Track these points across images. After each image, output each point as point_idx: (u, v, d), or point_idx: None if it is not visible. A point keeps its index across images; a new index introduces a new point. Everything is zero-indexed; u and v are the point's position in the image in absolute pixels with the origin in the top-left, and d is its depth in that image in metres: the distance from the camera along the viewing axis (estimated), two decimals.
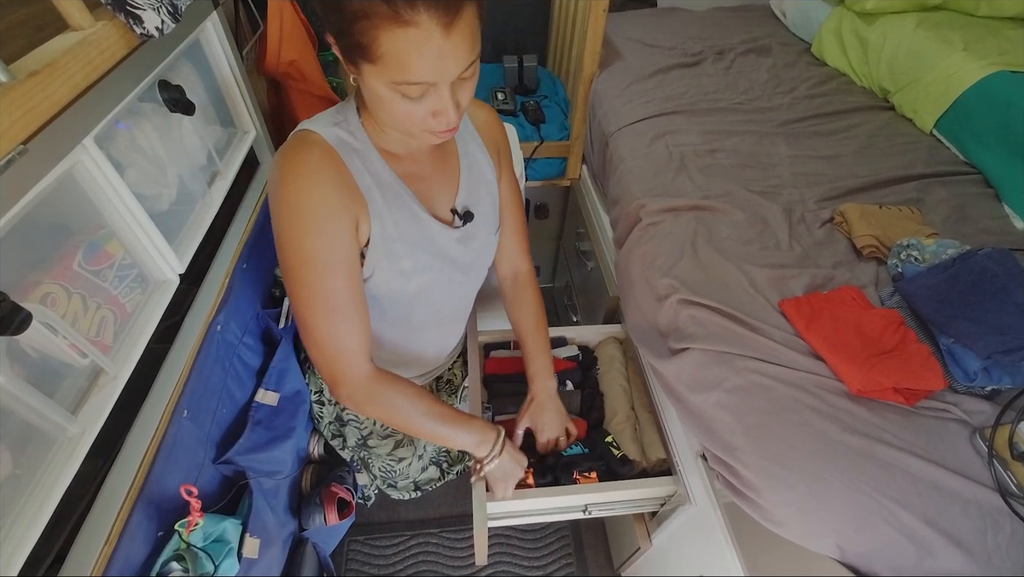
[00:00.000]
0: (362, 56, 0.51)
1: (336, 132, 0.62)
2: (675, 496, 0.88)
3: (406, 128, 0.59)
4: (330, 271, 0.62)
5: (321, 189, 0.59)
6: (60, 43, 0.54)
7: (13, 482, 0.49)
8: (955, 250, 0.82)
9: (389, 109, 0.56)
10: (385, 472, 1.05)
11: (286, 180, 0.59)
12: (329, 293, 0.63)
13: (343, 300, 0.64)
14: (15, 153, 0.46)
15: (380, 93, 0.54)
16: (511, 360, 1.07)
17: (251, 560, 0.74)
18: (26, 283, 0.51)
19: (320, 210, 0.60)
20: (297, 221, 0.60)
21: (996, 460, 0.62)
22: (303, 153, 0.60)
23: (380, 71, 0.51)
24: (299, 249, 0.61)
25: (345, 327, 0.65)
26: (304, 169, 0.59)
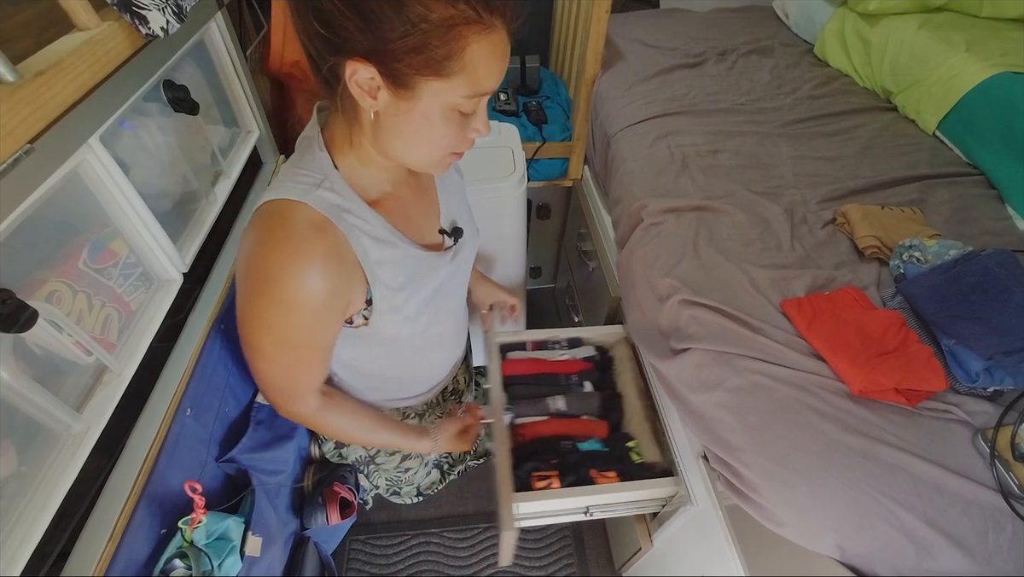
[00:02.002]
0: (433, 73, 0.47)
1: (323, 196, 0.55)
2: (676, 497, 0.88)
3: (436, 156, 0.56)
4: (299, 349, 0.60)
5: (316, 286, 0.54)
6: (66, 43, 0.55)
7: (18, 479, 0.49)
8: (957, 251, 0.82)
9: (433, 136, 0.52)
10: (391, 482, 1.05)
11: (275, 271, 0.52)
12: (294, 363, 0.61)
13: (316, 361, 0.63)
14: (22, 152, 0.47)
15: (431, 117, 0.50)
16: (529, 361, 1.07)
17: (253, 558, 0.75)
18: (32, 281, 0.51)
19: (310, 308, 0.55)
20: (281, 315, 0.55)
21: (998, 461, 0.62)
22: (294, 238, 0.52)
23: (451, 87, 0.48)
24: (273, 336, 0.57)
25: (307, 378, 0.64)
26: (299, 260, 0.52)
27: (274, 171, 1.12)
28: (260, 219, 0.54)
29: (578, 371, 1.04)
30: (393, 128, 0.53)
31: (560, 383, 1.03)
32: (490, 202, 1.21)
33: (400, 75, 0.47)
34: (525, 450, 0.93)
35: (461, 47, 0.46)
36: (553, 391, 1.01)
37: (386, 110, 0.51)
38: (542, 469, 0.87)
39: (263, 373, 0.62)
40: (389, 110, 0.51)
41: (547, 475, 0.86)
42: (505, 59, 0.50)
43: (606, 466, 0.87)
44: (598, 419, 0.98)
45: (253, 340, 0.58)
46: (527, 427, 0.97)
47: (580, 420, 0.98)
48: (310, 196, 0.54)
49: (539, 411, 0.98)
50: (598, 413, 0.99)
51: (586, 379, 1.03)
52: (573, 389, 1.02)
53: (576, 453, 0.90)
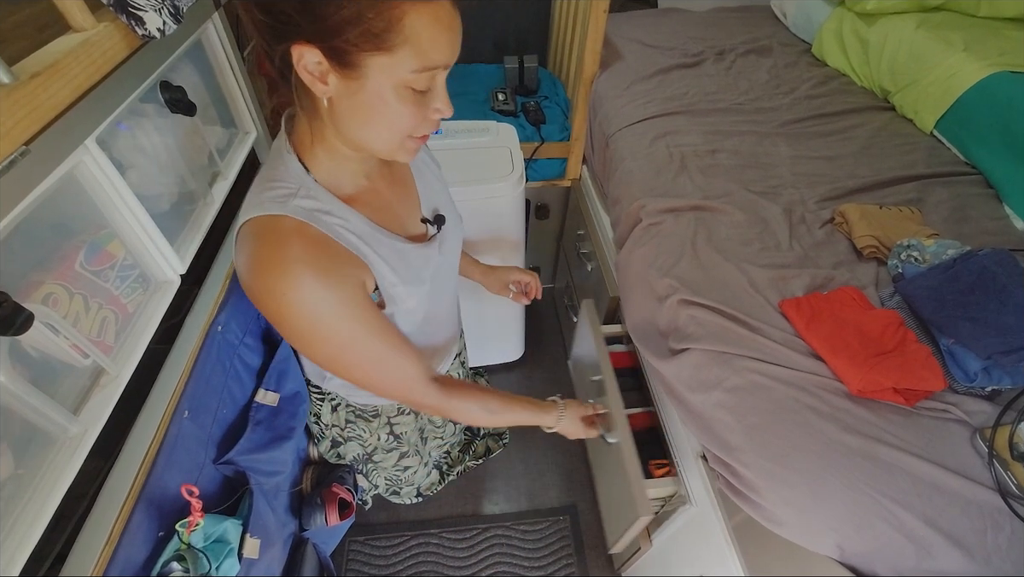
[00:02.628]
0: (374, 47, 0.46)
1: (300, 204, 0.54)
2: (675, 496, 0.88)
3: (396, 138, 0.54)
4: (366, 339, 0.59)
5: (321, 281, 0.53)
6: (62, 44, 0.55)
7: (15, 482, 0.49)
8: (955, 250, 0.82)
9: (388, 116, 0.51)
10: (391, 481, 1.05)
11: (282, 289, 0.52)
12: (375, 354, 0.61)
13: (388, 349, 0.62)
14: (17, 154, 0.46)
15: (384, 96, 0.50)
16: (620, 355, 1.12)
17: (251, 560, 0.75)
18: (28, 283, 0.51)
19: (330, 300, 0.55)
20: (316, 324, 0.55)
21: (996, 460, 0.62)
22: (282, 252, 0.52)
23: (397, 61, 0.47)
24: (331, 343, 0.57)
25: (401, 368, 0.64)
26: (295, 270, 0.52)
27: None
28: (247, 239, 0.54)
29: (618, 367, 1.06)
30: (348, 112, 0.52)
31: None
32: (488, 202, 1.20)
33: (343, 53, 0.47)
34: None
35: (398, 17, 0.45)
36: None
37: (338, 94, 0.50)
38: (656, 457, 0.91)
39: (370, 381, 0.64)
40: (341, 93, 0.50)
41: (664, 463, 0.90)
42: (453, 30, 0.48)
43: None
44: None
45: (329, 358, 0.60)
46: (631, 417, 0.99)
47: None
48: (288, 207, 0.54)
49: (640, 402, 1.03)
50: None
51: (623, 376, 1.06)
52: None
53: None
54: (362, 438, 0.91)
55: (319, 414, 0.91)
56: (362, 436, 0.91)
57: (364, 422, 0.88)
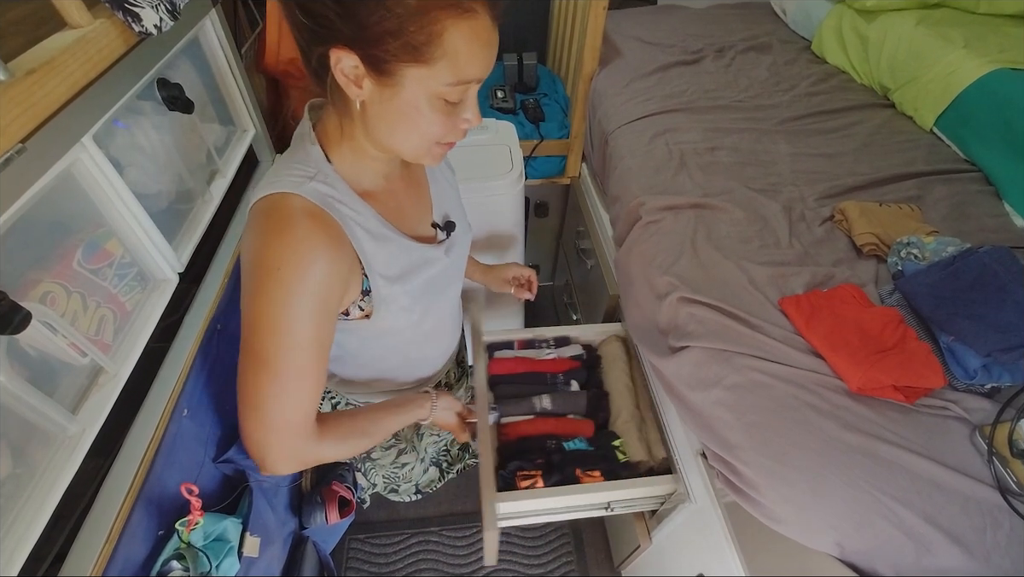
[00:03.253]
0: (412, 59, 0.47)
1: (316, 188, 0.55)
2: (675, 494, 0.88)
3: (424, 144, 0.55)
4: (305, 351, 0.56)
5: (320, 269, 0.53)
6: (58, 41, 0.54)
7: (13, 481, 0.49)
8: (955, 248, 0.82)
9: (420, 124, 0.52)
10: (389, 479, 1.05)
11: (279, 259, 0.52)
12: (295, 369, 0.56)
13: (308, 374, 0.57)
14: (13, 152, 0.46)
15: (417, 104, 0.50)
16: (515, 360, 1.07)
17: (251, 559, 0.75)
18: (25, 282, 0.51)
19: (316, 293, 0.54)
20: (289, 306, 0.53)
21: (996, 458, 0.62)
22: (294, 226, 0.52)
23: (434, 74, 0.48)
24: (283, 334, 0.54)
25: (302, 398, 0.59)
26: (301, 246, 0.52)
27: (265, 170, 1.12)
28: (256, 215, 0.54)
29: (565, 370, 1.04)
30: (380, 117, 0.52)
31: (546, 382, 1.03)
32: (488, 200, 1.20)
33: (381, 62, 0.47)
34: (511, 449, 0.93)
35: (439, 32, 0.46)
36: (539, 390, 1.00)
37: (372, 99, 0.51)
38: (526, 468, 0.87)
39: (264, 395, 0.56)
40: (375, 98, 0.51)
41: (531, 474, 0.86)
42: (490, 47, 0.49)
43: (591, 465, 0.87)
44: (584, 418, 0.98)
45: (262, 347, 0.55)
46: (513, 426, 0.96)
47: (566, 419, 0.98)
48: (303, 188, 0.54)
49: (525, 410, 0.98)
50: (584, 412, 0.99)
51: (573, 378, 1.03)
52: (559, 388, 1.02)
53: (561, 452, 0.90)
54: None
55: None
56: None
57: None
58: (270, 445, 0.58)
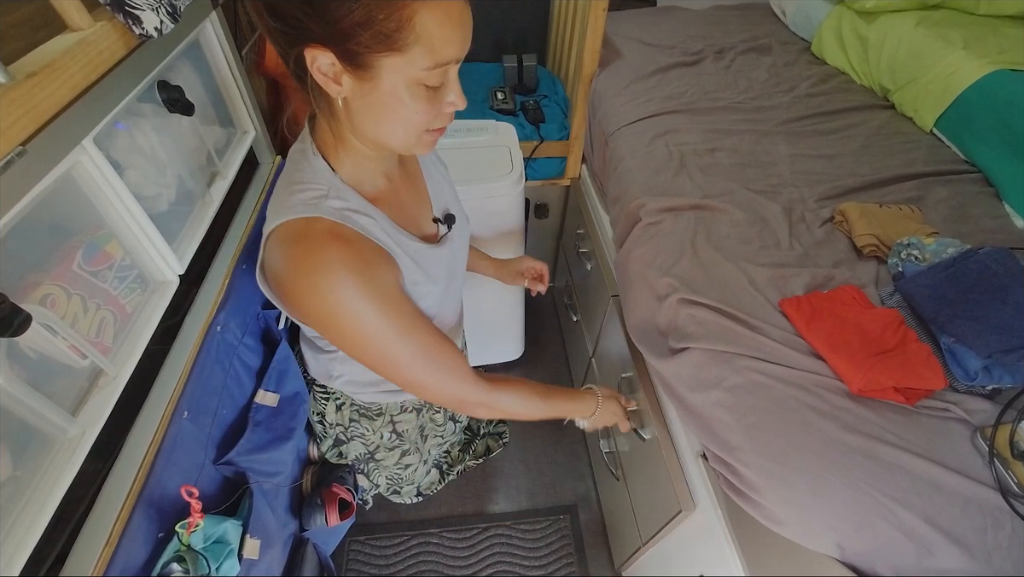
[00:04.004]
0: (386, 48, 0.46)
1: (332, 206, 0.55)
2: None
3: (412, 134, 0.54)
4: (410, 332, 0.59)
5: (362, 279, 0.54)
6: (59, 44, 0.54)
7: (13, 483, 0.49)
8: (955, 249, 0.82)
9: (403, 113, 0.51)
10: (392, 480, 1.05)
11: (329, 286, 0.53)
12: (420, 348, 0.61)
13: (433, 342, 0.62)
14: (14, 154, 0.46)
15: (397, 94, 0.49)
16: None
17: (252, 561, 0.74)
18: (25, 284, 0.51)
19: (372, 298, 0.55)
20: (362, 322, 0.56)
21: (997, 459, 0.62)
22: (325, 253, 0.53)
23: (409, 61, 0.47)
24: (377, 340, 0.58)
25: (450, 360, 0.64)
26: (339, 268, 0.53)
27: (268, 174, 1.12)
28: (285, 246, 0.55)
29: None
30: (363, 111, 0.52)
31: None
32: (488, 201, 1.20)
33: (355, 56, 0.47)
34: None
35: (408, 17, 0.45)
36: None
37: (352, 94, 0.50)
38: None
39: (420, 379, 0.63)
40: (356, 94, 0.50)
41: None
42: (463, 25, 0.48)
43: None
44: None
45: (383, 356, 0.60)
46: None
47: None
48: (321, 209, 0.54)
49: None
50: None
51: None
52: None
53: None
54: (365, 437, 0.92)
55: (323, 413, 0.91)
56: (365, 435, 0.91)
57: (368, 421, 0.88)
58: (460, 399, 0.68)
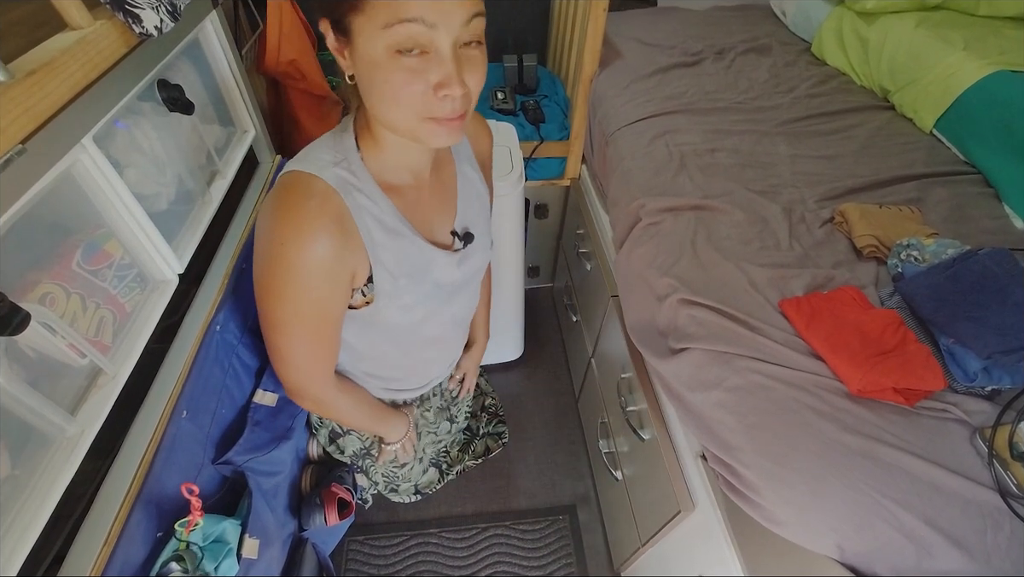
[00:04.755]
0: (351, 7, 0.46)
1: (338, 173, 0.57)
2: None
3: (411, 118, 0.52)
4: (313, 320, 0.61)
5: (320, 249, 0.55)
6: (58, 42, 0.54)
7: (12, 482, 0.49)
8: (955, 250, 0.82)
9: (387, 88, 0.49)
10: (388, 477, 1.05)
11: (283, 236, 0.54)
12: (307, 333, 0.62)
13: (320, 339, 0.64)
14: (13, 153, 0.46)
15: (376, 61, 0.48)
16: None
17: (250, 560, 0.74)
18: (24, 283, 0.51)
19: (317, 271, 0.56)
20: (291, 281, 0.57)
21: (996, 460, 0.62)
22: (302, 205, 0.54)
23: (371, 18, 0.45)
24: (287, 304, 0.59)
25: (316, 356, 0.66)
26: (304, 225, 0.54)
27: (268, 173, 1.12)
28: (278, 187, 0.57)
29: None
30: (364, 87, 0.52)
31: None
32: None
33: (337, 23, 0.48)
34: None
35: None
36: None
37: (354, 69, 0.52)
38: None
39: (283, 351, 0.64)
40: (355, 68, 0.51)
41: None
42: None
43: None
44: None
45: (271, 313, 0.60)
46: None
47: None
48: (325, 172, 0.56)
49: None
50: None
51: None
52: None
53: None
54: (360, 432, 0.92)
55: None
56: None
57: None
58: (304, 387, 0.70)
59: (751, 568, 0.70)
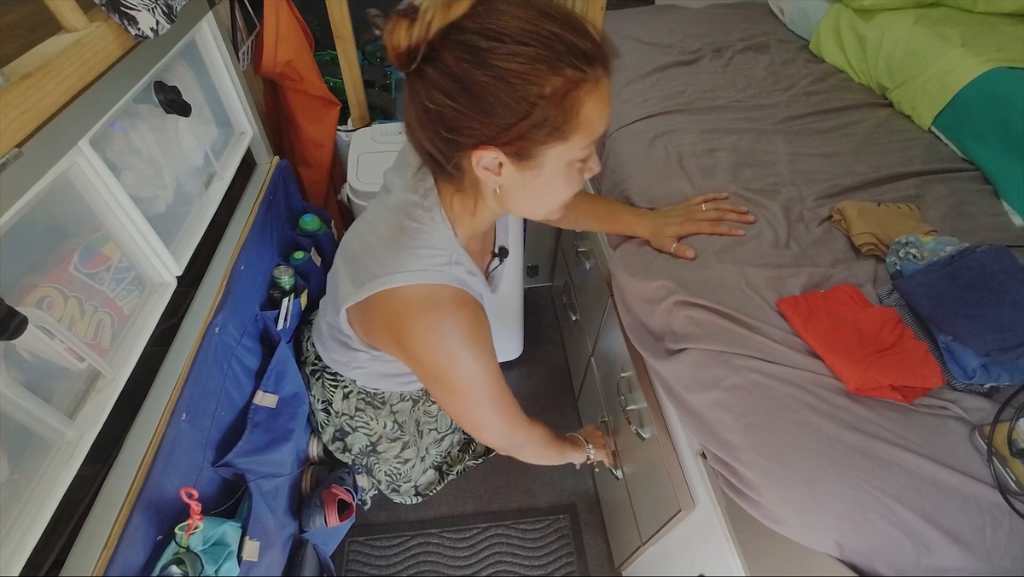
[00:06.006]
0: (555, 138, 0.50)
1: (454, 273, 0.62)
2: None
3: (559, 205, 0.60)
4: (495, 384, 0.69)
5: (475, 338, 0.62)
6: (54, 44, 0.54)
7: (11, 487, 0.49)
8: (953, 247, 0.82)
9: (560, 191, 0.56)
10: (391, 475, 1.05)
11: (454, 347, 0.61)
12: (496, 396, 0.70)
13: (506, 392, 0.72)
14: (10, 156, 0.46)
15: (556, 175, 0.54)
16: None
17: (251, 563, 0.74)
18: (22, 286, 0.51)
19: (481, 354, 0.64)
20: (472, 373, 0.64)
21: (995, 457, 0.62)
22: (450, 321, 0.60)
23: (572, 145, 0.51)
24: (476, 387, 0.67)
25: (509, 411, 0.74)
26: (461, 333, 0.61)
27: (266, 175, 1.11)
28: (415, 310, 0.60)
29: None
30: (519, 194, 0.56)
31: None
32: None
33: (524, 151, 0.50)
34: None
35: (577, 108, 0.48)
36: None
37: (510, 182, 0.54)
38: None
39: (488, 422, 0.74)
40: (515, 181, 0.54)
41: None
42: (609, 99, 0.52)
43: None
44: None
45: (468, 402, 0.69)
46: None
47: None
48: (447, 276, 0.61)
49: None
50: None
51: None
52: None
53: None
54: (368, 427, 0.93)
55: (331, 400, 0.92)
56: (368, 425, 0.93)
57: (372, 409, 0.90)
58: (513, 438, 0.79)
59: (751, 567, 0.70)
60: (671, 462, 0.89)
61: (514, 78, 0.46)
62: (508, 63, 0.46)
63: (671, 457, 0.90)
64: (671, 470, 0.88)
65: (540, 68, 0.46)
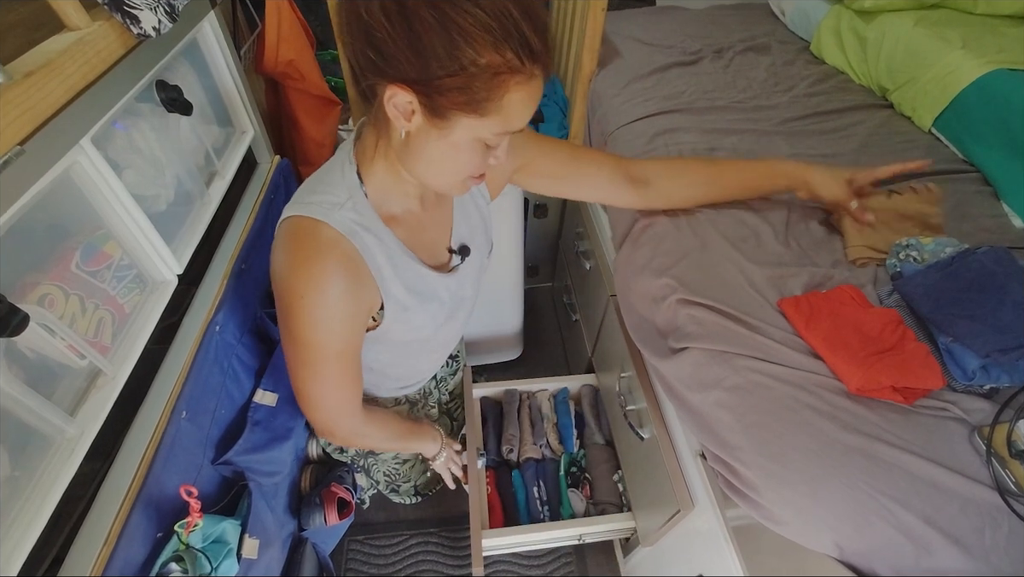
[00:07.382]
0: (471, 110, 0.49)
1: (344, 216, 0.59)
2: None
3: (457, 180, 0.58)
4: (337, 359, 0.65)
5: (337, 296, 0.59)
6: (57, 43, 0.54)
7: (11, 484, 0.49)
8: (953, 249, 0.82)
9: (458, 162, 0.55)
10: (390, 476, 1.05)
11: (300, 288, 0.58)
12: (333, 373, 0.66)
13: (346, 376, 0.68)
14: (12, 154, 0.46)
15: (460, 146, 0.53)
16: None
17: (250, 561, 0.74)
18: (23, 284, 0.51)
19: (336, 316, 0.61)
20: (312, 329, 0.61)
21: (994, 458, 0.62)
22: (313, 257, 0.57)
23: (485, 124, 0.51)
24: (311, 344, 0.63)
25: (343, 394, 0.70)
26: (319, 276, 0.57)
27: (267, 174, 1.12)
28: (285, 237, 0.59)
29: None
30: (421, 150, 0.55)
31: None
32: None
33: (439, 107, 0.50)
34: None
35: (501, 92, 0.48)
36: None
37: (417, 133, 0.53)
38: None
39: (311, 395, 0.68)
40: (420, 134, 0.53)
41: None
42: (536, 102, 0.52)
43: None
44: None
45: (296, 360, 0.64)
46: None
47: None
48: (332, 216, 0.58)
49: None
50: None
51: None
52: None
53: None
54: None
55: None
56: None
57: None
58: (334, 425, 0.74)
59: (750, 567, 0.70)
60: (670, 462, 0.89)
61: (457, 33, 0.45)
62: (458, 16, 0.44)
63: (670, 457, 0.90)
64: (671, 470, 0.88)
65: (485, 38, 0.45)
